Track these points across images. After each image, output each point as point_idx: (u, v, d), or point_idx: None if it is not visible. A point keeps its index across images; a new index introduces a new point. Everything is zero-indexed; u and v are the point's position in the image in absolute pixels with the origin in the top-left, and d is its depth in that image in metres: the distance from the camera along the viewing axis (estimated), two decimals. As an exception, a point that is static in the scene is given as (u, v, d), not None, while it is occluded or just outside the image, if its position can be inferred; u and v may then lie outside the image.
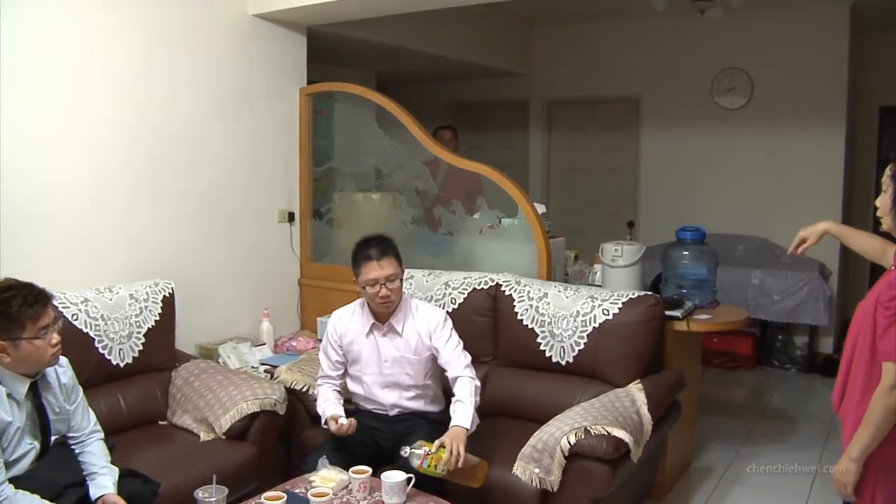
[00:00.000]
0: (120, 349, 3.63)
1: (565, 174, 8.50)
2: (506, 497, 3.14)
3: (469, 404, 3.13)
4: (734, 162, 7.22)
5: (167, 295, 3.91)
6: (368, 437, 3.34)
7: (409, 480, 2.80)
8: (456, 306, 4.02)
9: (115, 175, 3.96)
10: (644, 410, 3.37)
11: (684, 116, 7.48)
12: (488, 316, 4.01)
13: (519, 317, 3.89)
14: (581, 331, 3.73)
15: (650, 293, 3.86)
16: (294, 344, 4.62)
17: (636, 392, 3.50)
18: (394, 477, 2.77)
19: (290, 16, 4.75)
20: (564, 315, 3.78)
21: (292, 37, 4.95)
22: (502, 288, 4.01)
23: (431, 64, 7.28)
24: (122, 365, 3.64)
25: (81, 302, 3.54)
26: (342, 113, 5.24)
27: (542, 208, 4.53)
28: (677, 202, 7.44)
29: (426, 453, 2.85)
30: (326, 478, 2.88)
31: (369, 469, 2.88)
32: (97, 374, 3.52)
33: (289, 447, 3.82)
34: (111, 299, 3.67)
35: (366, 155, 5.11)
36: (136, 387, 3.70)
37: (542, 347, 3.82)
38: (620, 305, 3.71)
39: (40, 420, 2.72)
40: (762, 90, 7.06)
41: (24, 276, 2.69)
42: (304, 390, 3.76)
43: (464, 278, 4.12)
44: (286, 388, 3.71)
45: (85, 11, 3.77)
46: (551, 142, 8.54)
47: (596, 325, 3.70)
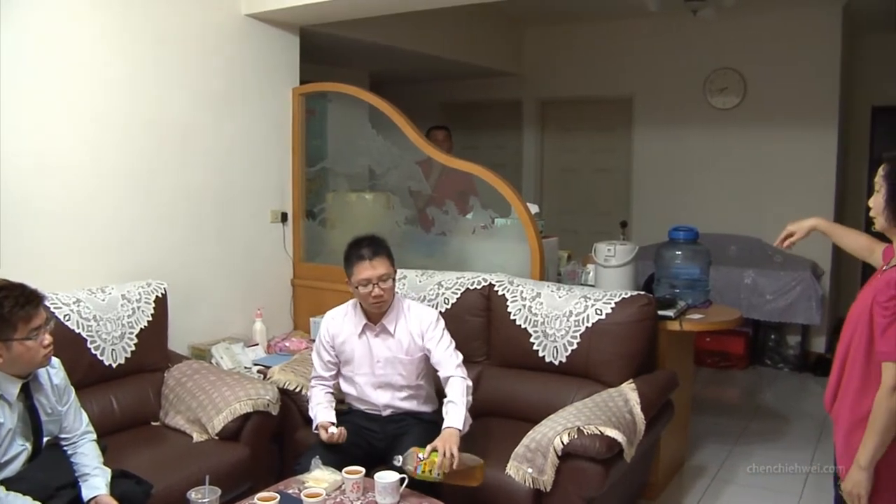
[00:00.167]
0: (112, 350, 3.62)
1: (558, 174, 8.50)
2: (499, 497, 3.15)
3: (461, 405, 3.13)
4: (727, 162, 7.23)
5: (160, 295, 3.90)
6: (361, 438, 3.34)
7: (403, 481, 2.79)
8: (449, 306, 4.02)
9: (108, 175, 3.95)
10: (637, 410, 3.38)
11: (677, 116, 7.48)
12: (481, 316, 4.01)
13: (512, 317, 3.90)
14: (574, 331, 3.73)
15: (643, 293, 3.87)
16: (287, 344, 4.61)
17: (629, 392, 3.50)
18: (387, 477, 2.77)
19: (283, 16, 4.74)
20: (557, 315, 3.79)
21: (285, 37, 4.95)
22: (495, 288, 4.01)
23: (424, 64, 7.27)
24: (115, 366, 3.63)
25: (74, 302, 3.53)
26: (335, 113, 5.24)
27: (535, 208, 4.53)
28: (670, 202, 7.44)
29: (419, 459, 2.85)
30: (319, 478, 2.88)
31: (362, 469, 2.88)
32: (89, 375, 3.51)
33: (282, 448, 3.82)
34: (103, 300, 3.66)
35: (359, 155, 5.11)
36: (129, 387, 3.69)
37: (535, 347, 3.82)
38: (613, 305, 3.71)
39: (32, 421, 2.71)
40: (755, 90, 7.07)
41: (16, 277, 2.68)
42: (297, 391, 3.76)
43: (457, 278, 4.12)
44: (279, 389, 3.70)
45: (78, 11, 3.76)
46: (544, 142, 8.54)
47: (589, 325, 3.71)
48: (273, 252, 4.97)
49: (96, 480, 2.74)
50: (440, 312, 3.61)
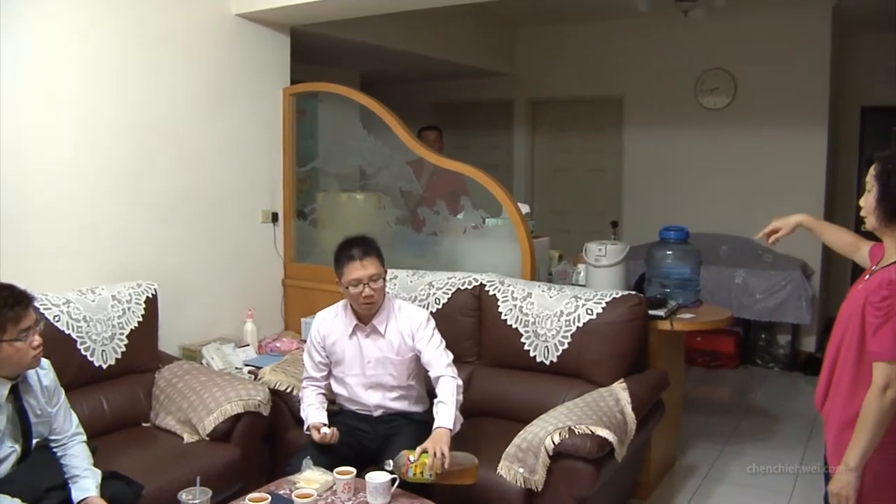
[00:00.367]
0: (102, 351, 3.61)
1: (549, 174, 8.50)
2: (490, 497, 3.15)
3: (451, 404, 3.13)
4: (717, 162, 7.24)
5: (150, 296, 3.89)
6: (353, 438, 3.33)
7: (394, 481, 2.79)
8: (440, 306, 4.02)
9: (98, 175, 3.94)
10: (628, 410, 3.39)
11: (668, 116, 7.50)
12: (472, 316, 4.01)
13: (503, 317, 3.90)
14: (565, 330, 3.73)
15: (634, 293, 3.88)
16: (278, 345, 4.60)
17: (620, 391, 3.51)
18: (378, 477, 2.76)
19: (274, 16, 4.73)
20: (548, 315, 3.79)
21: (276, 36, 4.94)
22: (486, 288, 4.01)
23: (415, 64, 7.27)
24: (105, 367, 3.62)
25: (63, 303, 3.51)
26: (326, 113, 5.23)
27: (526, 208, 4.53)
28: (661, 202, 7.45)
29: (409, 462, 2.84)
30: (311, 479, 2.88)
31: (353, 470, 2.87)
32: (79, 376, 3.49)
33: (273, 448, 3.81)
34: (93, 301, 3.64)
35: (350, 155, 5.11)
36: (119, 389, 3.67)
37: (527, 347, 3.83)
38: (604, 305, 3.72)
39: (21, 423, 2.70)
40: (745, 90, 7.09)
41: (5, 278, 2.68)
42: (288, 391, 3.75)
43: (448, 278, 4.12)
44: (270, 389, 3.69)
45: (66, 10, 3.75)
46: (535, 142, 8.54)
47: (580, 325, 3.71)
48: (264, 252, 4.96)
49: (86, 482, 2.73)
50: (431, 313, 3.61)
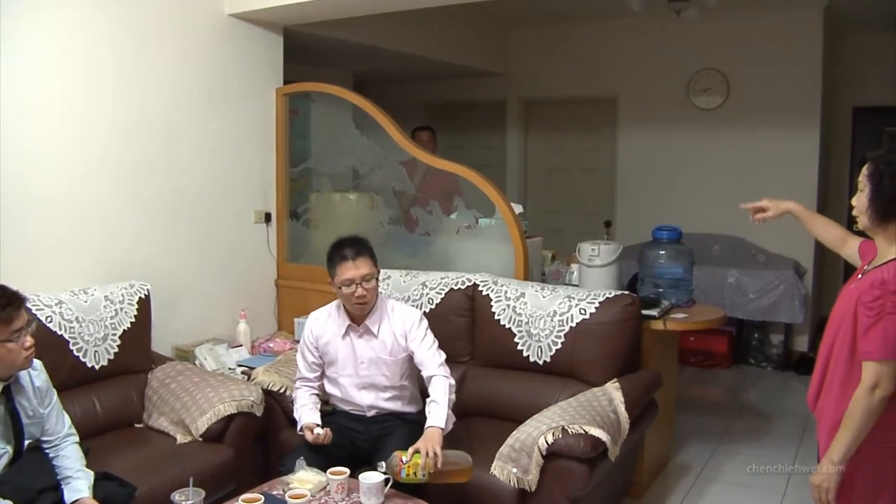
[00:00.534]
0: (95, 351, 3.60)
1: (542, 174, 8.51)
2: (484, 497, 3.15)
3: (443, 404, 3.13)
4: (710, 162, 7.26)
5: (143, 297, 3.88)
6: (346, 439, 3.32)
7: (387, 481, 2.79)
8: (433, 306, 4.02)
9: (90, 175, 3.93)
10: (621, 409, 3.39)
11: (661, 116, 7.51)
12: (465, 316, 4.01)
13: (496, 317, 3.90)
14: (558, 330, 3.74)
15: (627, 292, 3.88)
16: (271, 345, 4.60)
17: (613, 391, 3.51)
18: (371, 478, 2.76)
19: (267, 15, 4.73)
20: (541, 315, 3.79)
21: (269, 36, 4.93)
22: (479, 288, 4.01)
23: (409, 64, 7.27)
24: (98, 367, 3.61)
25: (56, 304, 3.50)
26: (319, 113, 5.22)
27: (519, 208, 4.54)
28: (654, 202, 7.47)
29: (402, 463, 2.84)
30: (304, 479, 2.88)
31: (347, 470, 2.87)
32: (72, 377, 3.49)
33: (266, 449, 3.80)
34: (86, 301, 3.63)
35: (343, 155, 5.10)
36: (112, 389, 3.66)
37: (520, 347, 3.83)
38: (597, 305, 3.72)
39: (13, 424, 2.69)
40: (738, 90, 7.10)
41: (-3, 279, 2.67)
42: (282, 391, 3.75)
43: (441, 278, 4.12)
44: (263, 390, 3.69)
45: (58, 10, 3.73)
46: (528, 142, 8.55)
47: (573, 325, 3.71)
48: (257, 252, 4.95)
49: (79, 483, 2.73)
50: (424, 313, 3.61)
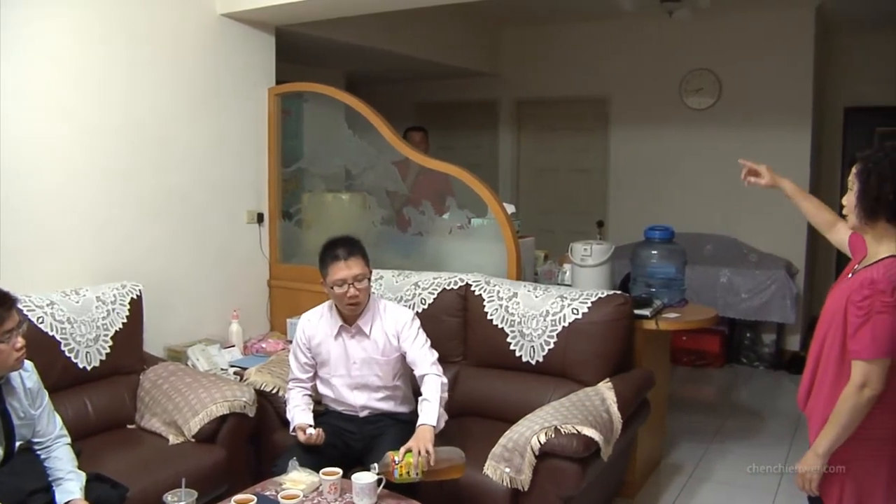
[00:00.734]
0: (87, 352, 3.59)
1: (535, 174, 8.51)
2: (477, 497, 3.15)
3: (435, 402, 3.13)
4: (702, 161, 7.27)
5: (135, 297, 3.87)
6: (338, 439, 3.33)
7: (380, 482, 2.79)
8: (426, 307, 4.02)
9: (82, 176, 3.92)
10: (614, 409, 3.39)
11: (653, 117, 7.52)
12: (458, 316, 4.01)
13: (489, 317, 3.90)
14: (551, 330, 3.74)
15: (619, 292, 3.89)
16: (263, 345, 4.59)
17: (606, 391, 3.51)
18: (364, 478, 2.76)
19: (259, 15, 4.72)
20: (534, 315, 3.79)
21: (261, 36, 4.93)
22: (472, 288, 4.01)
23: (401, 64, 7.27)
24: (90, 368, 3.60)
25: (47, 305, 3.49)
26: (311, 113, 5.22)
27: (512, 208, 4.54)
28: (646, 202, 7.48)
29: (395, 463, 2.84)
30: (297, 480, 2.87)
31: (340, 471, 2.87)
32: (63, 378, 3.47)
33: (259, 449, 3.79)
34: (77, 302, 3.62)
35: (335, 155, 5.10)
36: (104, 390, 3.65)
37: (512, 347, 3.83)
38: (590, 305, 3.72)
39: (4, 425, 2.68)
40: (730, 91, 7.12)
41: (-12, 279, 2.66)
42: (274, 392, 3.74)
43: (433, 278, 4.12)
44: (256, 390, 3.68)
45: (49, 9, 3.72)
46: (521, 142, 8.55)
47: (565, 325, 3.72)
48: (249, 253, 4.94)
49: (70, 485, 2.72)
50: (417, 313, 3.62)
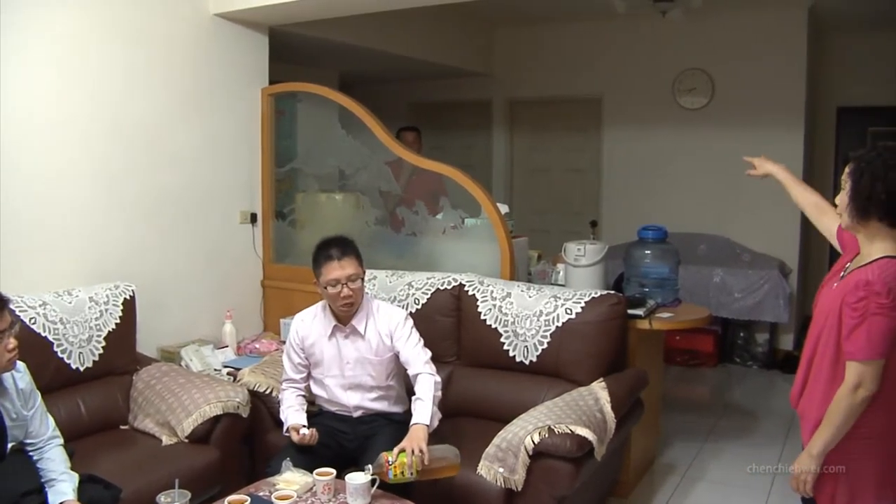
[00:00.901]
0: (80, 353, 3.58)
1: (528, 174, 8.52)
2: (470, 497, 3.15)
3: (428, 401, 3.13)
4: (695, 161, 7.28)
5: (128, 297, 3.86)
6: (332, 439, 3.32)
7: (374, 482, 2.79)
8: (419, 307, 4.02)
9: (75, 176, 3.91)
10: (607, 409, 3.40)
11: (646, 116, 7.53)
12: (452, 316, 4.01)
13: (482, 317, 3.90)
14: (544, 330, 3.74)
15: (613, 292, 3.89)
16: (257, 346, 4.58)
17: (599, 390, 3.52)
18: (358, 478, 2.75)
19: (252, 15, 4.72)
20: (528, 314, 3.79)
21: (254, 36, 4.92)
22: (465, 288, 4.01)
23: (394, 64, 7.27)
24: (82, 369, 3.59)
25: (39, 305, 3.48)
26: (305, 113, 5.22)
27: (505, 208, 4.54)
28: (639, 201, 7.49)
29: (388, 464, 2.84)
30: (290, 480, 2.87)
31: (333, 471, 2.87)
32: (56, 379, 3.46)
33: (252, 450, 3.79)
34: (70, 302, 3.61)
35: (329, 156, 5.09)
36: (97, 391, 3.65)
37: (506, 347, 3.83)
38: (583, 304, 3.73)
39: (-3, 426, 2.68)
40: (723, 91, 7.13)
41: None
42: (268, 392, 3.73)
43: (427, 279, 4.12)
44: (249, 391, 3.67)
45: (40, 9, 3.71)
46: (514, 142, 8.55)
47: (559, 325, 3.72)
48: (243, 253, 4.94)
49: (63, 486, 2.71)
50: (410, 313, 3.62)
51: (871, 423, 2.31)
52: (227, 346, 4.51)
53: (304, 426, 3.22)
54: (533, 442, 3.07)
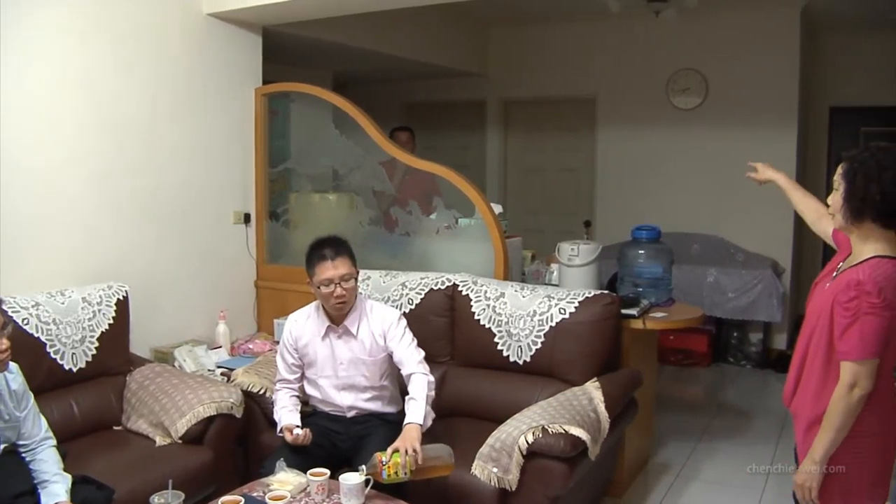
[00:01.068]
0: (73, 354, 3.57)
1: (522, 174, 8.52)
2: (464, 497, 3.15)
3: (421, 400, 3.13)
4: (689, 161, 7.30)
5: (121, 298, 3.85)
6: (326, 440, 3.32)
7: (368, 482, 2.78)
8: (413, 307, 4.02)
9: (67, 176, 3.89)
10: (601, 408, 3.40)
11: (640, 116, 7.54)
12: (445, 316, 4.01)
13: (476, 317, 3.90)
14: (538, 330, 3.74)
15: (606, 292, 3.89)
16: (251, 346, 4.58)
17: (593, 390, 3.52)
18: (352, 479, 2.75)
19: (245, 15, 4.71)
20: (521, 314, 3.79)
21: (247, 36, 4.91)
22: (459, 288, 4.01)
23: (388, 64, 7.26)
24: (75, 370, 3.58)
25: (32, 306, 3.47)
26: (298, 113, 5.21)
27: (499, 208, 4.54)
28: (633, 201, 7.50)
29: (382, 464, 2.83)
30: (284, 481, 2.87)
31: (327, 471, 2.86)
32: (49, 380, 3.45)
33: (246, 450, 3.78)
34: (63, 303, 3.60)
35: (322, 156, 5.09)
36: (90, 392, 3.63)
37: (500, 347, 3.83)
38: (577, 304, 3.73)
39: (-11, 428, 2.67)
40: (716, 91, 7.15)
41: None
42: (261, 393, 3.73)
43: (421, 279, 4.12)
44: (243, 391, 3.67)
45: (33, 8, 3.70)
46: (508, 142, 8.56)
47: (553, 325, 3.72)
48: (236, 253, 4.93)
49: (56, 487, 2.70)
50: (404, 313, 3.61)
51: (864, 422, 2.32)
52: (221, 347, 4.50)
53: (298, 426, 3.21)
54: (527, 442, 3.07)
